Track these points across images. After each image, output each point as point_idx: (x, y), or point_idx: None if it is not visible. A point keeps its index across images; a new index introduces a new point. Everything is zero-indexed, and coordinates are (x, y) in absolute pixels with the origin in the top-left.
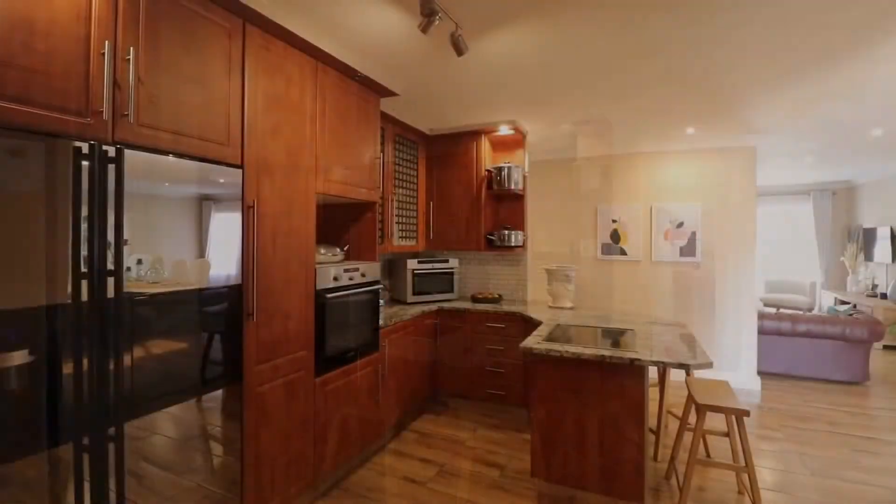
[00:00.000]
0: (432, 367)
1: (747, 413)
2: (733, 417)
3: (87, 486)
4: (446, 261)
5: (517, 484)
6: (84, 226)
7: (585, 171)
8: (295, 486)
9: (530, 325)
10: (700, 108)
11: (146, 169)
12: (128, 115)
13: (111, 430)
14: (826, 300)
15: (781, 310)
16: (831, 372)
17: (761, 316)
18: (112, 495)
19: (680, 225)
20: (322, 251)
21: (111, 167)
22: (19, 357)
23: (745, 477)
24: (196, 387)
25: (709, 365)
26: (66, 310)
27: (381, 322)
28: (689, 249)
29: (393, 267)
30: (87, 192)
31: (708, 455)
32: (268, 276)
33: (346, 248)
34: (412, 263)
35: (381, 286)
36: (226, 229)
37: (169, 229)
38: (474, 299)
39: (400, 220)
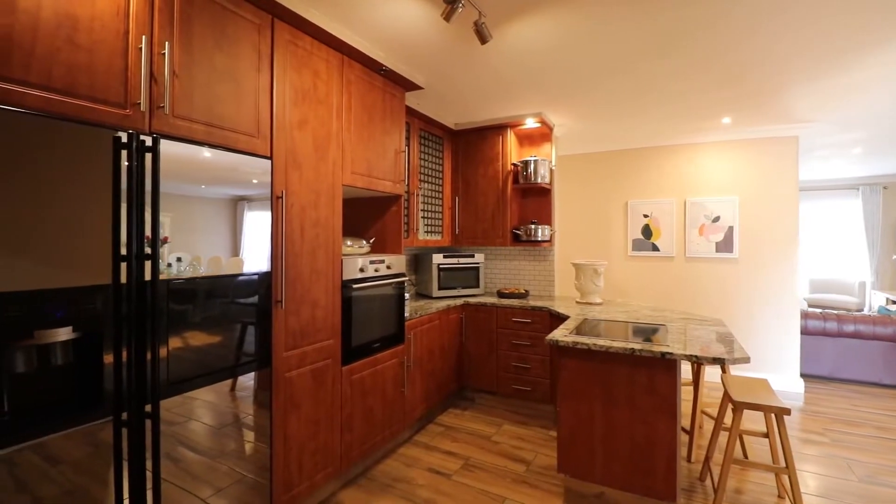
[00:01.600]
0: (458, 362)
1: (788, 411)
2: (773, 416)
3: (125, 466)
4: (472, 255)
5: (543, 479)
6: (123, 211)
7: (616, 165)
8: (322, 472)
9: (558, 320)
10: (737, 97)
11: (185, 169)
12: (163, 106)
13: (147, 408)
14: (877, 301)
15: (827, 310)
16: (881, 375)
17: (805, 315)
18: (148, 475)
19: (716, 220)
20: (348, 243)
21: (148, 156)
22: (64, 333)
23: (786, 479)
24: (227, 370)
25: (746, 360)
26: (107, 291)
27: (406, 314)
28: (725, 245)
29: (418, 261)
30: (126, 180)
31: (745, 456)
32: (296, 265)
33: (371, 241)
34: (438, 258)
35: (407, 279)
36: (258, 228)
37: (206, 229)
38: (500, 294)
39: (425, 215)
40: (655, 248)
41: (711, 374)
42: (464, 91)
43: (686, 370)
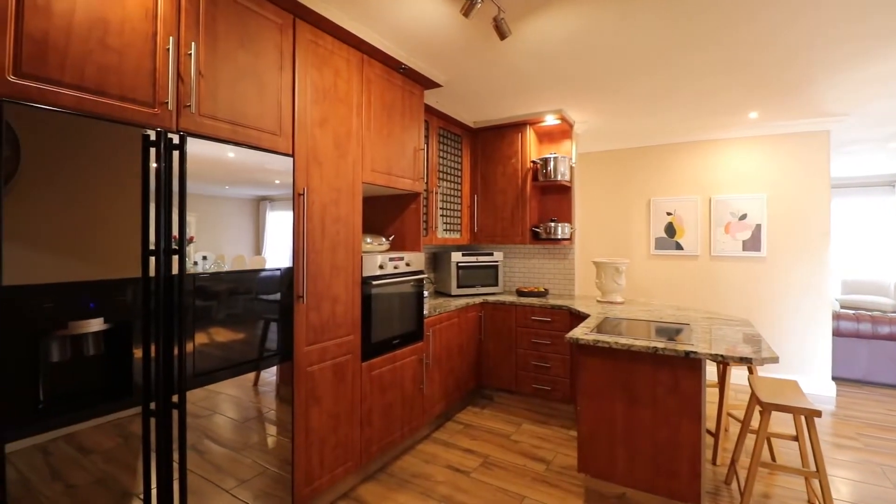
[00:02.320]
0: (477, 360)
1: (818, 413)
2: (803, 419)
3: (153, 457)
4: (491, 254)
5: (563, 479)
6: (152, 207)
7: (638, 162)
8: (342, 466)
9: (578, 319)
10: (768, 91)
11: (210, 170)
12: (189, 105)
13: (174, 398)
14: None
15: (860, 311)
16: None
17: (837, 316)
18: (175, 466)
19: (743, 217)
20: (368, 240)
21: (175, 153)
22: (96, 324)
23: (817, 484)
24: (250, 363)
25: (774, 360)
26: (137, 284)
27: (425, 312)
28: (753, 244)
29: (437, 260)
30: (155, 176)
31: (773, 460)
32: (316, 261)
33: (390, 239)
34: (456, 256)
35: (426, 276)
36: (280, 228)
37: (230, 229)
38: (520, 293)
39: (444, 213)
40: (679, 247)
41: (738, 376)
42: (483, 89)
43: (711, 372)
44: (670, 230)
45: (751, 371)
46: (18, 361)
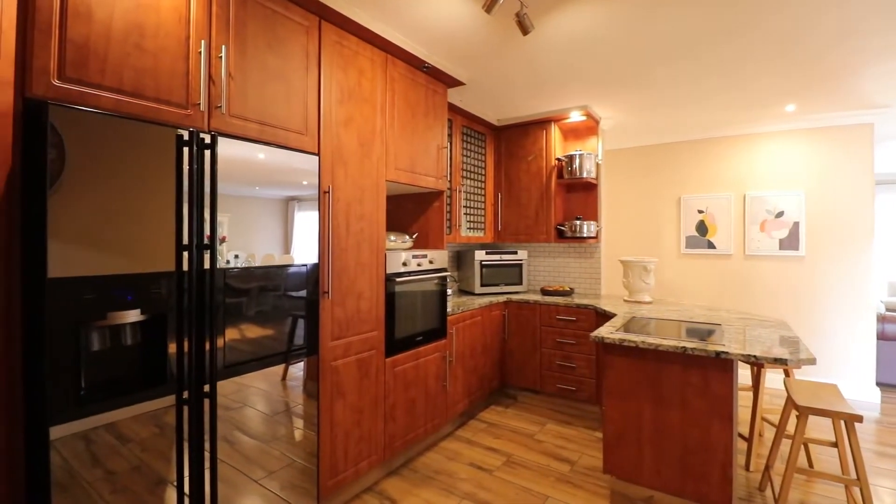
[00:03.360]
0: (500, 359)
1: (860, 418)
2: (843, 424)
3: (185, 447)
4: (515, 252)
5: (588, 480)
6: (185, 203)
7: (667, 159)
8: (366, 460)
9: (604, 318)
10: (806, 81)
11: (241, 171)
12: (220, 106)
13: (206, 388)
14: None
15: None
16: None
17: (882, 319)
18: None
19: (779, 215)
20: (392, 238)
21: (207, 152)
22: (133, 316)
23: (857, 492)
24: (277, 355)
25: (811, 361)
26: (171, 277)
27: (448, 310)
28: (790, 242)
29: (461, 258)
30: (188, 175)
31: (811, 466)
32: (341, 258)
33: (414, 236)
34: (480, 254)
35: (449, 274)
36: (308, 227)
37: (260, 228)
38: (544, 292)
39: (468, 212)
40: (711, 246)
41: (774, 380)
42: (506, 86)
43: (745, 376)
44: (702, 228)
45: (787, 374)
46: (63, 350)
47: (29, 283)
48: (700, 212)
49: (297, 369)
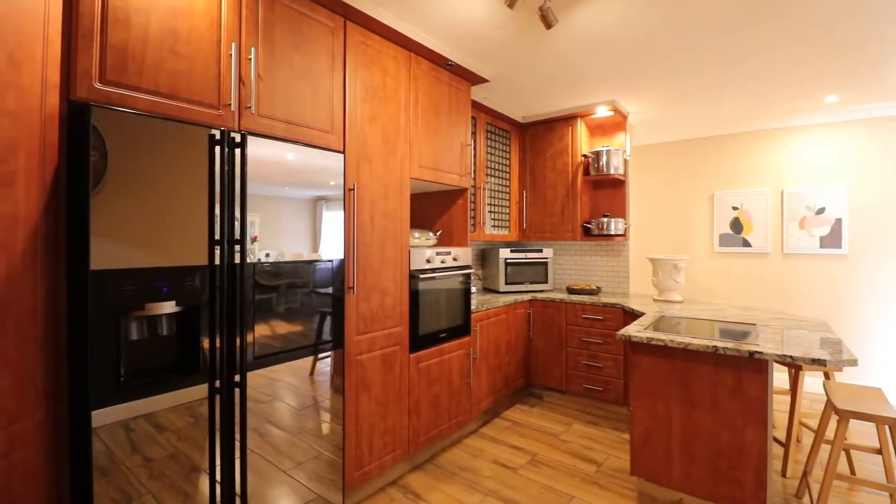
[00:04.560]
0: (525, 358)
1: None
2: (887, 428)
3: (217, 437)
4: (540, 250)
5: (615, 481)
6: (217, 200)
7: (699, 154)
8: (390, 454)
9: (632, 317)
10: (849, 70)
11: (271, 171)
12: (250, 107)
13: (237, 378)
14: None
15: None
16: None
17: None
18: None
19: (820, 211)
20: (416, 235)
21: (237, 151)
22: (169, 307)
23: None
24: (305, 348)
25: (852, 362)
26: (204, 270)
27: (472, 307)
28: (832, 240)
29: (485, 256)
30: (219, 172)
31: (852, 473)
32: (366, 254)
33: (438, 234)
34: (504, 252)
35: (473, 272)
36: (334, 226)
37: (289, 227)
38: (570, 290)
39: (492, 210)
40: (746, 244)
41: (813, 385)
42: (531, 82)
43: (783, 379)
44: (736, 226)
45: (827, 376)
46: (104, 337)
47: (73, 274)
48: (734, 208)
49: (325, 365)
